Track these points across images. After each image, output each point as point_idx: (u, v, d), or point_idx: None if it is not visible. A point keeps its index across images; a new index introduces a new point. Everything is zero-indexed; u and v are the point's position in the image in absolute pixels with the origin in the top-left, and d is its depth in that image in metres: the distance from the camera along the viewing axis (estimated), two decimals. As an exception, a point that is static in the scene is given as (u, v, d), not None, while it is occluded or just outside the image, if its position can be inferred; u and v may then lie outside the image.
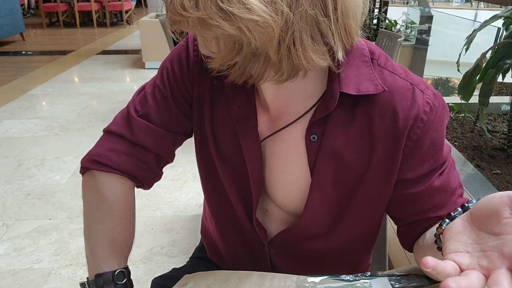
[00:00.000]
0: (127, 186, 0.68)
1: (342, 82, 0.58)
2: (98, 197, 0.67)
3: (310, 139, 0.62)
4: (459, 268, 0.41)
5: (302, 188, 0.66)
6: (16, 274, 1.76)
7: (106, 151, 0.67)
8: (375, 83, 0.58)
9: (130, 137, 0.68)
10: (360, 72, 0.59)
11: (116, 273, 0.63)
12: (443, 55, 3.88)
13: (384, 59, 0.61)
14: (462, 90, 1.52)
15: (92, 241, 0.66)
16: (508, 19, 1.55)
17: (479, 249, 0.42)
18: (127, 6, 8.34)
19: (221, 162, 0.69)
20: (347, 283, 0.65)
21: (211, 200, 0.77)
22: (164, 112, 0.68)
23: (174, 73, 0.68)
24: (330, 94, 0.58)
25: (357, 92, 0.57)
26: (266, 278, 0.66)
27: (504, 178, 1.44)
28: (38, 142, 3.02)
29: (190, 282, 0.66)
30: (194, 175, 2.57)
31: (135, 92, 0.73)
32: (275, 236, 0.73)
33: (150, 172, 0.70)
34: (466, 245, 0.43)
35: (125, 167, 0.67)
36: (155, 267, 1.80)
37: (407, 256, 1.39)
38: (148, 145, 0.68)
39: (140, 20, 4.94)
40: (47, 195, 2.33)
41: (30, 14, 9.40)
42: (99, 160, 0.67)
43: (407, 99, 0.58)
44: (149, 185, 0.73)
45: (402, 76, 0.60)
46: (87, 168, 0.68)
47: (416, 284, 0.65)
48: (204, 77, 0.67)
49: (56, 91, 4.20)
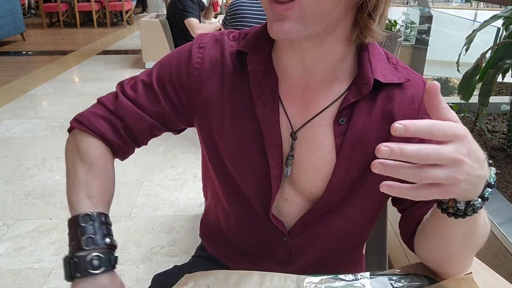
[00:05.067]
0: (99, 144, 0.73)
1: (373, 70, 0.65)
2: (74, 149, 0.72)
3: (338, 122, 0.67)
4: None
5: (328, 170, 0.69)
6: (17, 274, 1.76)
7: (88, 113, 0.74)
8: (397, 75, 0.67)
9: (111, 108, 0.73)
10: (383, 67, 0.67)
11: (82, 216, 0.63)
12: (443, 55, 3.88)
13: (395, 59, 0.71)
14: (462, 90, 1.52)
15: (69, 190, 0.68)
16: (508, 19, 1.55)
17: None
18: (127, 6, 8.34)
19: (242, 159, 0.72)
20: (347, 283, 0.65)
21: (227, 196, 0.78)
22: (150, 102, 0.73)
23: (171, 73, 0.73)
24: (364, 80, 0.65)
25: (385, 81, 0.65)
26: (266, 278, 0.66)
27: (504, 178, 1.44)
28: (39, 142, 3.02)
29: (190, 281, 0.66)
30: (194, 175, 2.57)
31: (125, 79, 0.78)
32: (296, 222, 0.74)
33: (122, 141, 0.74)
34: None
35: (99, 128, 0.72)
36: (155, 266, 1.80)
37: (407, 256, 1.39)
38: (125, 117, 0.73)
39: (140, 20, 4.95)
40: (48, 195, 2.33)
41: (31, 14, 9.41)
42: (79, 119, 0.73)
43: (420, 87, 0.68)
44: (123, 154, 0.77)
45: (412, 71, 0.70)
46: (72, 127, 0.74)
47: (416, 284, 0.65)
48: (213, 80, 0.71)
49: (57, 91, 4.20)
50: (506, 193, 1.34)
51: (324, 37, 0.61)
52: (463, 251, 0.61)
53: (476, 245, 0.60)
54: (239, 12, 2.80)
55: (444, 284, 0.65)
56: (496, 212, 1.14)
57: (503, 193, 1.31)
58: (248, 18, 2.79)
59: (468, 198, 0.49)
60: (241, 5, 2.80)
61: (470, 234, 0.57)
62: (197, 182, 2.49)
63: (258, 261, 0.79)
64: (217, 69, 0.71)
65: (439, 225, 0.58)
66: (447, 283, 0.65)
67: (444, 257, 0.63)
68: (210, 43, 0.72)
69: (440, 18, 3.82)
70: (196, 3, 3.28)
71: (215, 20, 3.97)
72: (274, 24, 0.58)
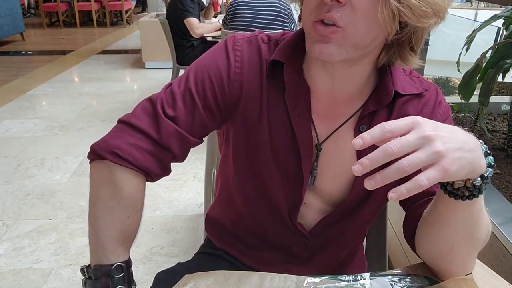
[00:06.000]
0: (141, 180, 0.69)
1: (395, 82, 0.68)
2: (112, 188, 0.66)
3: (359, 129, 0.69)
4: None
5: (349, 179, 0.72)
6: (16, 274, 1.76)
7: (129, 146, 0.65)
8: (415, 86, 0.70)
9: (156, 137, 0.66)
10: (400, 78, 0.70)
11: (114, 267, 0.64)
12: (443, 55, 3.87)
13: (408, 69, 0.73)
14: (462, 90, 1.52)
15: (100, 231, 0.66)
16: (508, 19, 1.55)
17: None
18: (127, 6, 8.34)
19: (275, 167, 0.72)
20: (347, 283, 0.65)
21: (249, 199, 0.78)
22: (191, 117, 0.69)
23: (211, 81, 0.69)
24: (384, 91, 0.68)
25: (404, 92, 0.68)
26: (266, 278, 0.66)
27: (504, 178, 1.44)
28: (38, 142, 3.02)
29: (190, 282, 0.66)
30: (194, 175, 2.57)
31: (162, 88, 0.72)
32: (317, 223, 0.77)
33: (165, 170, 0.71)
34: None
35: (146, 165, 0.67)
36: (155, 267, 1.80)
37: (407, 256, 1.39)
38: (172, 147, 0.68)
39: (140, 20, 4.94)
40: (47, 195, 2.33)
41: (30, 14, 9.41)
42: (119, 153, 0.65)
43: (433, 93, 0.72)
44: (156, 180, 0.73)
45: (425, 80, 0.73)
46: (103, 157, 0.65)
47: (416, 285, 0.65)
48: (253, 83, 0.70)
49: (56, 91, 4.20)
50: (507, 193, 1.34)
51: (359, 60, 0.64)
52: (465, 244, 0.61)
53: (477, 238, 0.61)
54: (239, 12, 2.80)
55: (445, 285, 0.64)
56: (496, 212, 1.14)
57: (503, 193, 1.31)
58: (248, 18, 2.79)
59: (473, 174, 0.50)
60: (241, 5, 2.80)
61: (471, 224, 0.59)
62: (197, 182, 2.49)
63: (274, 256, 0.81)
64: (257, 74, 0.69)
65: (442, 212, 0.59)
66: (448, 284, 0.64)
67: (447, 250, 0.63)
68: (245, 45, 0.71)
69: (440, 18, 3.81)
70: (196, 3, 3.28)
71: (215, 20, 3.97)
72: (316, 44, 0.59)
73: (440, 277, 0.66)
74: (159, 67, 4.94)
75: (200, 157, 2.79)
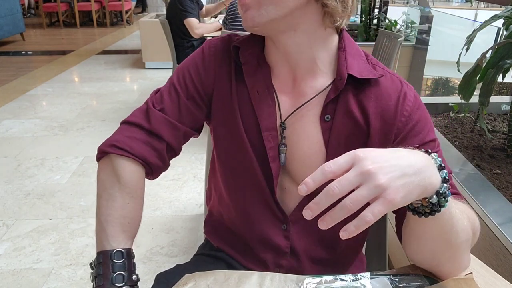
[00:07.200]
0: (140, 170, 0.74)
1: (349, 67, 0.70)
2: (112, 177, 0.72)
3: (324, 119, 0.72)
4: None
5: (319, 161, 0.73)
6: (16, 274, 1.76)
7: (125, 137, 0.74)
8: (373, 72, 0.72)
9: (147, 126, 0.74)
10: (360, 65, 0.72)
11: (114, 252, 0.66)
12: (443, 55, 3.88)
13: (375, 60, 0.75)
14: (462, 90, 1.52)
15: (103, 217, 0.69)
16: (508, 19, 1.55)
17: None
18: (127, 6, 8.34)
19: (251, 148, 0.76)
20: (347, 283, 0.65)
21: (231, 188, 0.81)
22: (177, 107, 0.76)
23: (190, 74, 0.77)
24: (339, 76, 0.70)
25: (361, 76, 0.70)
26: (266, 278, 0.66)
27: (504, 178, 1.44)
28: (38, 142, 3.02)
29: (190, 282, 0.66)
30: (194, 175, 2.57)
31: (151, 92, 0.81)
32: (293, 209, 0.78)
33: (161, 161, 0.76)
34: None
35: (141, 153, 0.73)
36: (155, 267, 1.80)
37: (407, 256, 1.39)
38: (163, 134, 0.75)
39: (140, 20, 4.94)
40: (47, 195, 2.33)
41: (30, 14, 9.41)
42: (117, 145, 0.72)
43: (397, 85, 0.73)
44: (157, 174, 0.78)
45: (390, 71, 0.75)
46: (106, 152, 0.73)
47: (416, 284, 0.65)
48: (223, 68, 0.77)
49: (56, 91, 4.20)
50: (506, 193, 1.34)
51: (295, 26, 0.67)
52: (446, 250, 0.61)
53: (457, 243, 0.60)
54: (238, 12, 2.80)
55: (445, 284, 0.64)
56: (496, 212, 1.14)
57: (503, 193, 1.31)
58: (248, 18, 2.78)
59: (426, 193, 0.50)
60: (241, 5, 2.80)
61: (446, 232, 0.58)
62: (197, 182, 2.50)
63: (261, 253, 0.82)
64: (227, 64, 0.77)
65: (414, 226, 0.61)
66: (448, 283, 0.64)
67: (430, 256, 0.64)
68: (219, 42, 0.79)
69: (441, 18, 3.82)
70: (195, 3, 3.28)
71: (215, 20, 3.97)
72: (242, 16, 0.67)
73: (438, 277, 0.66)
74: (159, 67, 4.94)
75: (200, 157, 2.79)
